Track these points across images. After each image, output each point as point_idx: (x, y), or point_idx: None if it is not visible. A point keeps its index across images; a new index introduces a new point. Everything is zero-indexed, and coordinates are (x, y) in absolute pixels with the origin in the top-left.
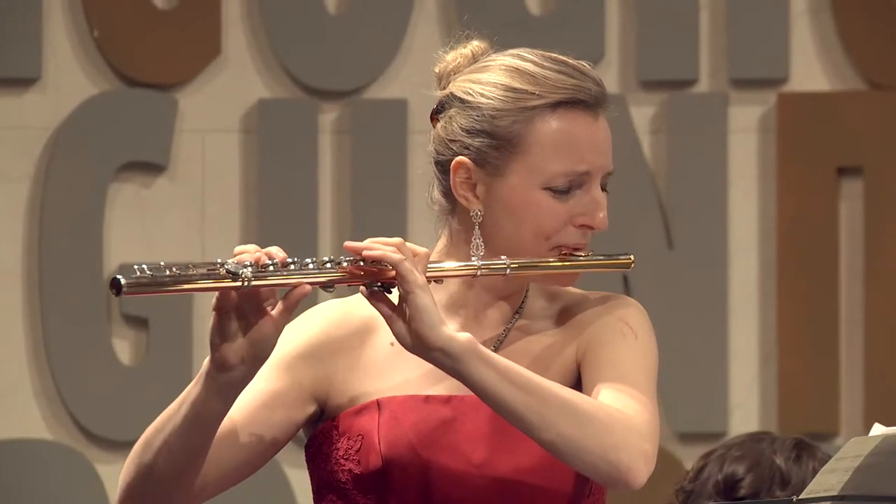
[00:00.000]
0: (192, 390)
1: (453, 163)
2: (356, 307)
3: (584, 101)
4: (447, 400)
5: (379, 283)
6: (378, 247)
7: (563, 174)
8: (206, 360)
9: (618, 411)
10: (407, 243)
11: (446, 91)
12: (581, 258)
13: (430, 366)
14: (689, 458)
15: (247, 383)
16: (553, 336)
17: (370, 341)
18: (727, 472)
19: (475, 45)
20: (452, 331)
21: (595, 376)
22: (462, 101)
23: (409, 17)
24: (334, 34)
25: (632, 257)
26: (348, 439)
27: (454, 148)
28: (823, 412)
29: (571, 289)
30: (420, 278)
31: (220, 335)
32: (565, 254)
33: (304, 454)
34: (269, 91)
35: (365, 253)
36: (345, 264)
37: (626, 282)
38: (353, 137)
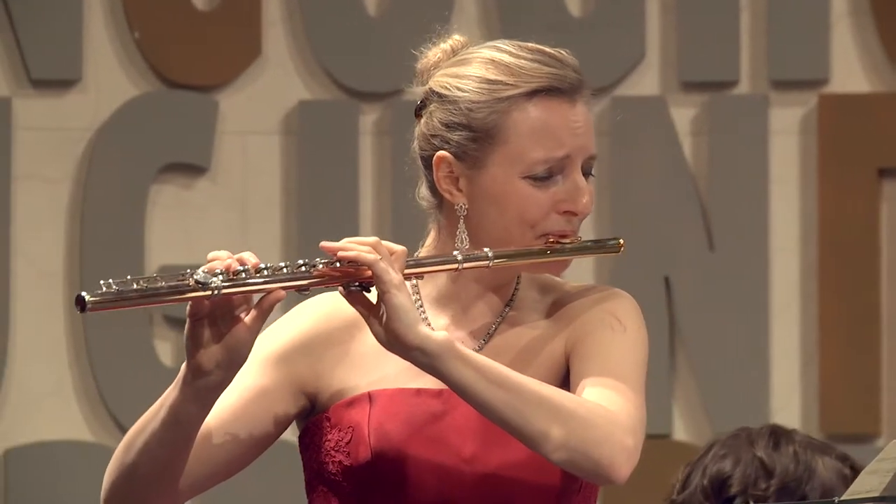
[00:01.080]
0: (169, 394)
1: (435, 158)
2: (345, 302)
3: (560, 87)
4: (438, 393)
5: (356, 283)
6: (353, 247)
7: (543, 161)
8: (183, 365)
9: (599, 406)
10: (383, 242)
11: (426, 87)
12: (567, 245)
13: None
14: None
15: (224, 388)
16: (542, 328)
17: (360, 335)
18: (712, 474)
19: (455, 39)
20: (429, 330)
21: (581, 369)
22: (440, 95)
23: (449, 18)
24: (374, 36)
25: (621, 241)
26: (339, 431)
27: (435, 143)
28: (865, 413)
29: (564, 281)
30: (396, 277)
31: (194, 341)
32: (552, 241)
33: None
34: (309, 92)
35: (340, 254)
36: (320, 266)
37: (667, 283)
38: (394, 139)
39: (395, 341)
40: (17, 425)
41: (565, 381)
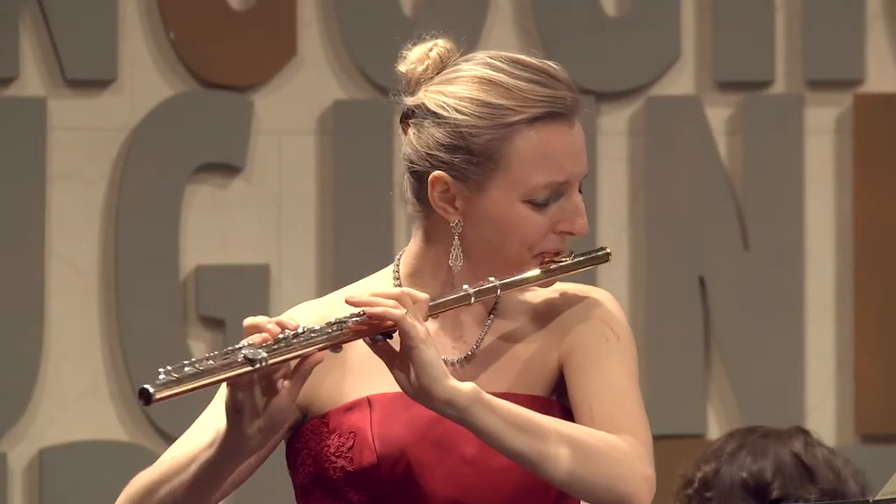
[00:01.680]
0: (205, 451)
1: (431, 177)
2: (333, 309)
3: (561, 112)
4: None
5: (381, 333)
6: (380, 302)
7: (545, 186)
8: (223, 429)
9: (618, 440)
10: (405, 289)
11: (418, 100)
12: (563, 263)
13: None
14: None
15: (262, 448)
16: (530, 334)
17: (353, 343)
18: (753, 472)
19: (440, 46)
20: (456, 382)
21: (584, 387)
22: (436, 115)
23: (484, 18)
24: (410, 35)
25: (608, 249)
26: (339, 436)
27: (431, 161)
28: None
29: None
30: (422, 332)
31: (236, 409)
32: (546, 261)
33: None
34: (344, 92)
35: (367, 310)
36: (350, 323)
37: (701, 283)
38: None
39: (424, 395)
40: (52, 425)
41: (557, 388)
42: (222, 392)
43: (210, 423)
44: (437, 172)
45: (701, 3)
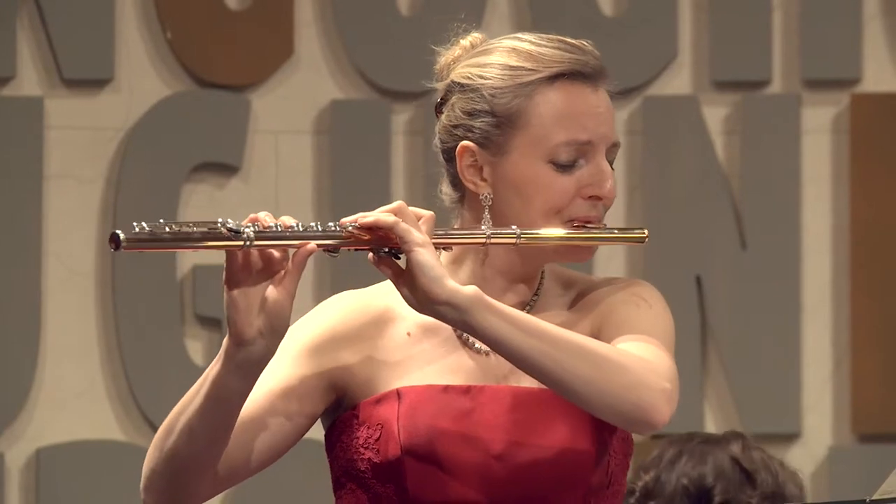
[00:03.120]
0: (212, 369)
1: (458, 148)
2: (373, 298)
3: (582, 72)
4: (466, 390)
5: (386, 249)
6: (372, 213)
7: (566, 144)
8: (225, 338)
9: (634, 355)
10: (410, 207)
11: (447, 81)
12: (593, 230)
13: (449, 356)
14: None
15: (268, 359)
16: (567, 317)
17: (388, 332)
18: (693, 478)
19: (474, 36)
20: (457, 285)
21: (610, 337)
22: (462, 86)
23: (481, 18)
24: (407, 35)
25: (646, 231)
26: (368, 428)
27: (458, 133)
28: None
29: (586, 276)
30: (420, 237)
31: (233, 309)
32: (577, 226)
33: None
34: (341, 92)
35: (360, 220)
36: (350, 228)
37: (698, 282)
38: (426, 138)
39: (424, 298)
40: (49, 424)
41: None
42: (277, 358)
43: (268, 378)
44: (463, 142)
45: (698, 3)
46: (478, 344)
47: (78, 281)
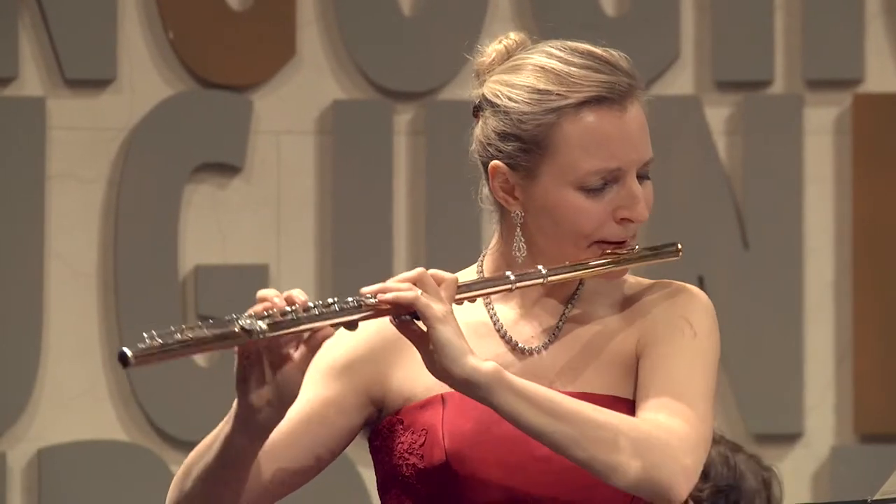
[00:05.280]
0: (223, 428)
1: (490, 167)
2: None
3: (610, 96)
4: None
5: (406, 314)
6: (392, 287)
7: (595, 172)
8: (235, 401)
9: (657, 427)
10: (431, 271)
11: (481, 91)
12: (623, 255)
13: (493, 357)
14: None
15: (275, 425)
16: (610, 323)
17: None
18: None
19: (511, 38)
20: (477, 361)
21: (648, 377)
22: (492, 104)
23: (483, 17)
24: (409, 35)
25: (679, 245)
26: (412, 433)
27: (490, 151)
28: None
29: (633, 277)
30: (439, 311)
31: (243, 380)
32: (608, 252)
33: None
34: (343, 92)
35: (380, 297)
36: (370, 301)
37: (701, 283)
38: (428, 138)
39: (444, 375)
40: (51, 425)
41: (635, 378)
42: (309, 378)
43: (302, 398)
44: (494, 162)
45: (700, 3)
46: (521, 343)
47: (80, 281)
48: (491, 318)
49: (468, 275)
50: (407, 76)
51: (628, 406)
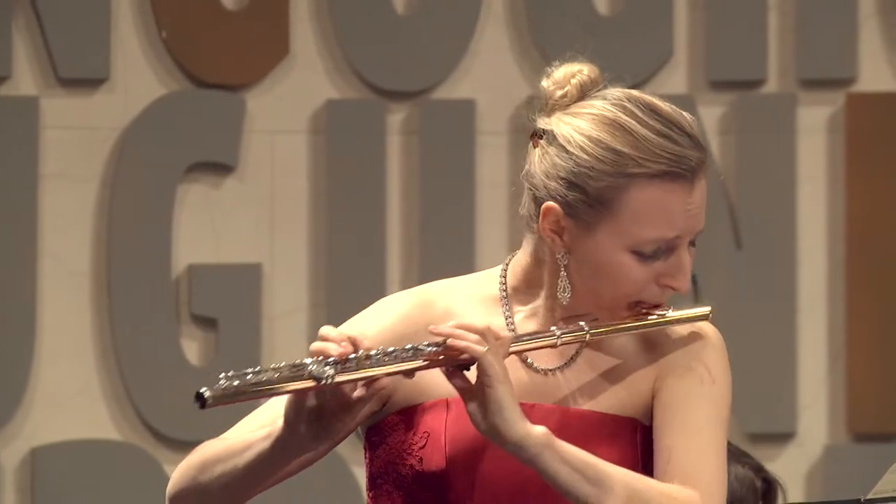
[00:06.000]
0: (260, 442)
1: (544, 206)
2: (435, 296)
3: (683, 173)
4: None
5: (458, 364)
6: (464, 336)
7: (653, 241)
8: (281, 425)
9: (686, 495)
10: (492, 327)
11: (549, 123)
12: (659, 318)
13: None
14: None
15: (314, 459)
16: (629, 355)
17: None
18: None
19: (585, 75)
20: (529, 426)
21: (668, 427)
22: (561, 146)
23: (476, 17)
24: (403, 35)
25: (710, 309)
26: (414, 435)
27: (548, 190)
28: (892, 412)
29: None
30: (501, 372)
31: (296, 411)
32: (643, 313)
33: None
34: (337, 92)
35: (451, 342)
36: (427, 352)
37: (694, 281)
38: (422, 138)
39: (495, 434)
40: (44, 424)
41: (647, 411)
42: None
43: (274, 413)
44: (550, 203)
45: (694, 2)
46: (537, 364)
47: (73, 280)
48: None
49: (488, 280)
50: (400, 75)
51: (630, 426)
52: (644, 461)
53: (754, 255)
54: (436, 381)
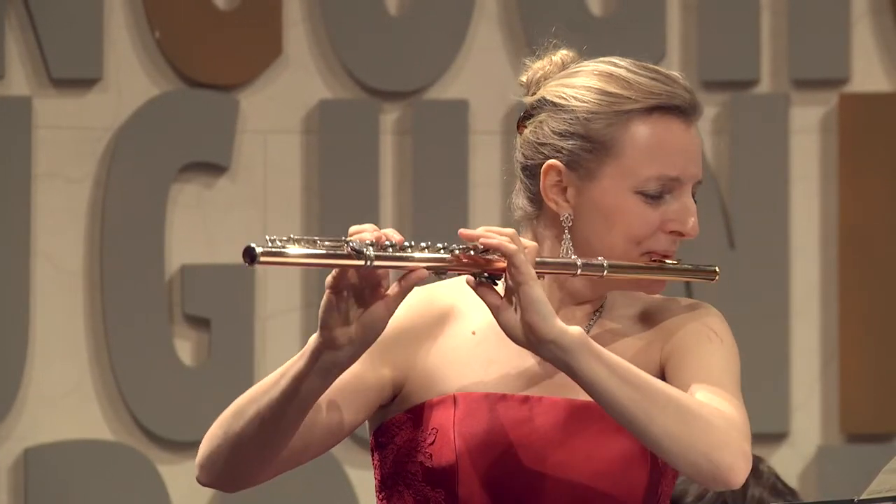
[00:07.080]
0: (294, 364)
1: (544, 166)
2: (439, 294)
3: (679, 106)
4: (524, 400)
5: (486, 274)
6: (494, 236)
7: (656, 178)
8: (313, 337)
9: (719, 410)
10: (519, 237)
11: (536, 96)
12: (670, 265)
13: (511, 359)
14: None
15: (351, 364)
16: (636, 336)
17: (451, 330)
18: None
19: (564, 53)
20: (563, 324)
21: (685, 379)
22: (554, 104)
23: (469, 17)
24: (395, 35)
25: (717, 269)
26: (423, 432)
27: (545, 151)
28: (885, 412)
29: (646, 294)
30: (532, 271)
31: (330, 314)
32: (655, 260)
33: (367, 455)
34: (330, 92)
35: (482, 240)
36: (456, 251)
37: (687, 282)
38: (415, 138)
39: (531, 333)
40: (37, 424)
41: None
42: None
43: None
44: (550, 161)
45: (686, 3)
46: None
47: (66, 280)
48: None
49: None
50: (393, 76)
51: None
52: (656, 456)
53: (747, 254)
54: (442, 377)
